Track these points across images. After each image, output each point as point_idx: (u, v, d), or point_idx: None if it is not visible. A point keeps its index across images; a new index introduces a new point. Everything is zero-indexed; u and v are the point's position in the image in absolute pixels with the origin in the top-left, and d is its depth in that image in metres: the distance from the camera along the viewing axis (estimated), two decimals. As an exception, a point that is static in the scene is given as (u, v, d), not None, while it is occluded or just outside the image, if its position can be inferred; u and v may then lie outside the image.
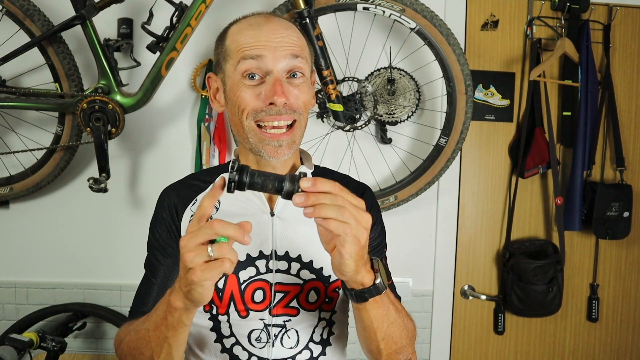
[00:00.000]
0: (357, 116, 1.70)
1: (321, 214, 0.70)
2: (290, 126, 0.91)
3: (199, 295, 0.71)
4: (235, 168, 0.71)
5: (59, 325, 1.74)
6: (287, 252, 0.95)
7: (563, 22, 1.92)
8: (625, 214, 1.91)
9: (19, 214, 1.86)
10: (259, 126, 0.90)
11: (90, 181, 1.61)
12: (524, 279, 1.89)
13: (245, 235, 0.69)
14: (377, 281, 0.79)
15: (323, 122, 1.78)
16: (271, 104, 0.87)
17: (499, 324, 2.01)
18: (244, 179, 0.71)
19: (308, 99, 0.93)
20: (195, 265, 0.68)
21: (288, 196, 0.71)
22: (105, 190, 1.63)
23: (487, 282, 2.02)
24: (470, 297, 2.01)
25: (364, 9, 1.61)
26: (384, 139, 1.86)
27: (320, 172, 1.08)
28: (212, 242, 0.70)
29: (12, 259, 1.88)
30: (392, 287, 1.15)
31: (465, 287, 2.01)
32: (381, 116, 1.81)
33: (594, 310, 2.04)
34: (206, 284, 0.69)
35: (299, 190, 0.70)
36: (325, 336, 0.99)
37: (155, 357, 0.83)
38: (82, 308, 1.82)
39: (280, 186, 0.71)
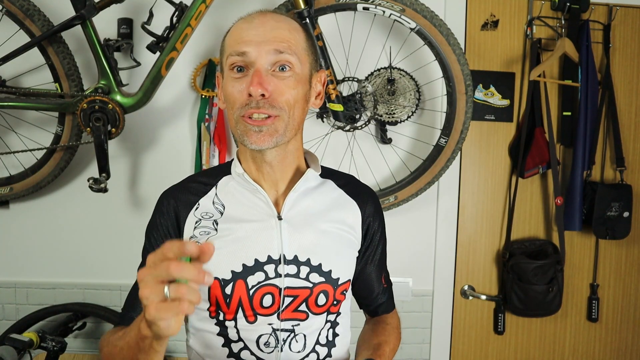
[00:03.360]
0: (357, 116, 1.70)
1: None
2: (272, 117, 0.90)
3: (158, 330, 0.66)
4: None
5: (59, 325, 1.74)
6: (295, 256, 0.95)
7: (563, 22, 1.92)
8: (625, 214, 1.91)
9: (19, 214, 1.86)
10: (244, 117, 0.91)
11: (90, 181, 1.61)
12: (524, 279, 1.89)
13: (205, 276, 0.63)
14: None
15: (323, 122, 1.78)
16: (250, 95, 0.88)
17: (499, 324, 2.01)
18: None
19: (295, 94, 0.91)
20: (150, 302, 0.64)
21: None
22: (105, 190, 1.63)
23: (487, 282, 2.02)
24: (470, 297, 2.01)
25: (364, 9, 1.61)
26: (384, 139, 1.86)
27: (327, 172, 1.07)
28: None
29: (12, 259, 1.88)
30: (390, 294, 1.15)
31: (465, 287, 2.01)
32: (381, 116, 1.81)
33: (594, 310, 2.04)
34: (161, 323, 0.64)
35: None
36: (330, 338, 1.00)
37: None
38: (82, 308, 1.82)
39: None
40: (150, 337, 0.73)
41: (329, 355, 0.99)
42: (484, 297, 1.99)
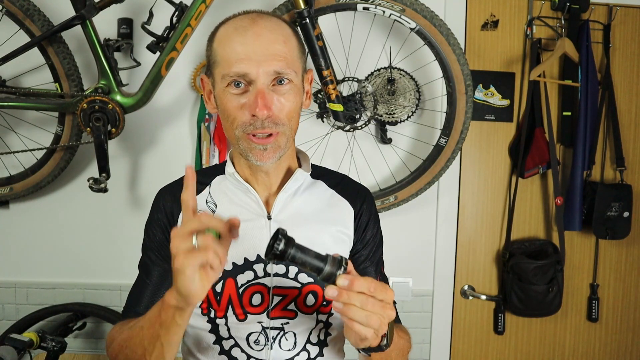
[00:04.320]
0: (357, 116, 1.70)
1: (349, 315, 0.72)
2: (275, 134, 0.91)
3: (182, 285, 0.71)
4: (282, 239, 0.71)
5: (59, 325, 1.74)
6: None
7: (563, 22, 1.92)
8: (625, 214, 1.91)
9: (19, 214, 1.86)
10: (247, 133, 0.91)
11: (90, 181, 1.62)
12: (524, 279, 1.89)
13: (233, 230, 0.73)
14: (383, 343, 0.81)
15: (323, 122, 1.78)
16: (254, 115, 0.88)
17: (499, 324, 2.01)
18: (289, 251, 0.72)
19: (294, 107, 0.92)
20: (179, 251, 0.70)
21: (326, 280, 0.73)
22: (105, 190, 1.63)
23: (487, 282, 2.02)
24: (470, 297, 2.01)
25: (364, 9, 1.61)
26: (384, 139, 1.86)
27: (319, 172, 1.07)
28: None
29: (12, 259, 1.88)
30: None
31: (465, 287, 2.01)
32: (381, 116, 1.81)
33: (594, 310, 2.04)
34: (187, 271, 0.70)
35: (339, 274, 0.72)
36: (322, 337, 1.00)
37: (147, 356, 0.83)
38: (82, 308, 1.82)
39: (319, 267, 0.73)
40: (173, 307, 0.76)
41: (320, 354, 0.99)
42: (484, 297, 1.99)
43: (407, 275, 1.95)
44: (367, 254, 1.07)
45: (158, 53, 1.58)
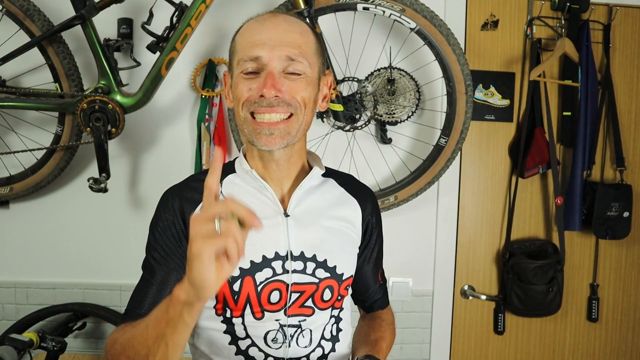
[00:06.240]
0: (357, 116, 1.70)
1: None
2: (287, 119, 0.92)
3: (197, 273, 0.65)
4: None
5: (59, 325, 1.74)
6: (302, 252, 0.96)
7: (563, 22, 1.92)
8: (625, 214, 1.91)
9: (19, 214, 1.86)
10: (254, 117, 0.92)
11: (90, 181, 1.61)
12: (524, 279, 1.89)
13: (256, 218, 0.66)
14: None
15: (323, 122, 1.78)
16: (262, 96, 0.89)
17: (499, 324, 2.01)
18: None
19: (307, 95, 0.93)
20: (198, 235, 0.65)
21: None
22: (105, 190, 1.63)
23: (487, 282, 2.02)
24: (470, 297, 2.01)
25: (364, 9, 1.61)
26: (384, 139, 1.86)
27: (328, 171, 1.09)
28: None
29: (12, 259, 1.88)
30: (385, 290, 1.17)
31: (465, 287, 2.01)
32: (381, 116, 1.81)
33: (594, 310, 2.04)
34: (205, 257, 0.64)
35: None
36: (334, 333, 1.02)
37: (151, 357, 0.76)
38: (82, 308, 1.82)
39: None
40: (182, 302, 0.70)
41: (333, 350, 1.00)
42: (484, 297, 1.99)
43: (407, 275, 1.95)
44: (372, 254, 1.10)
45: (158, 53, 1.58)
